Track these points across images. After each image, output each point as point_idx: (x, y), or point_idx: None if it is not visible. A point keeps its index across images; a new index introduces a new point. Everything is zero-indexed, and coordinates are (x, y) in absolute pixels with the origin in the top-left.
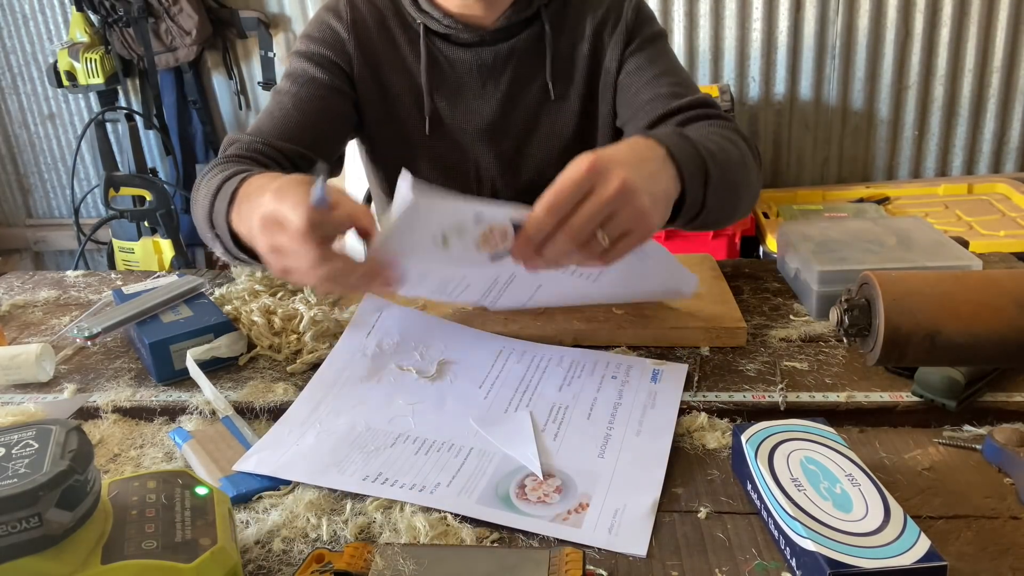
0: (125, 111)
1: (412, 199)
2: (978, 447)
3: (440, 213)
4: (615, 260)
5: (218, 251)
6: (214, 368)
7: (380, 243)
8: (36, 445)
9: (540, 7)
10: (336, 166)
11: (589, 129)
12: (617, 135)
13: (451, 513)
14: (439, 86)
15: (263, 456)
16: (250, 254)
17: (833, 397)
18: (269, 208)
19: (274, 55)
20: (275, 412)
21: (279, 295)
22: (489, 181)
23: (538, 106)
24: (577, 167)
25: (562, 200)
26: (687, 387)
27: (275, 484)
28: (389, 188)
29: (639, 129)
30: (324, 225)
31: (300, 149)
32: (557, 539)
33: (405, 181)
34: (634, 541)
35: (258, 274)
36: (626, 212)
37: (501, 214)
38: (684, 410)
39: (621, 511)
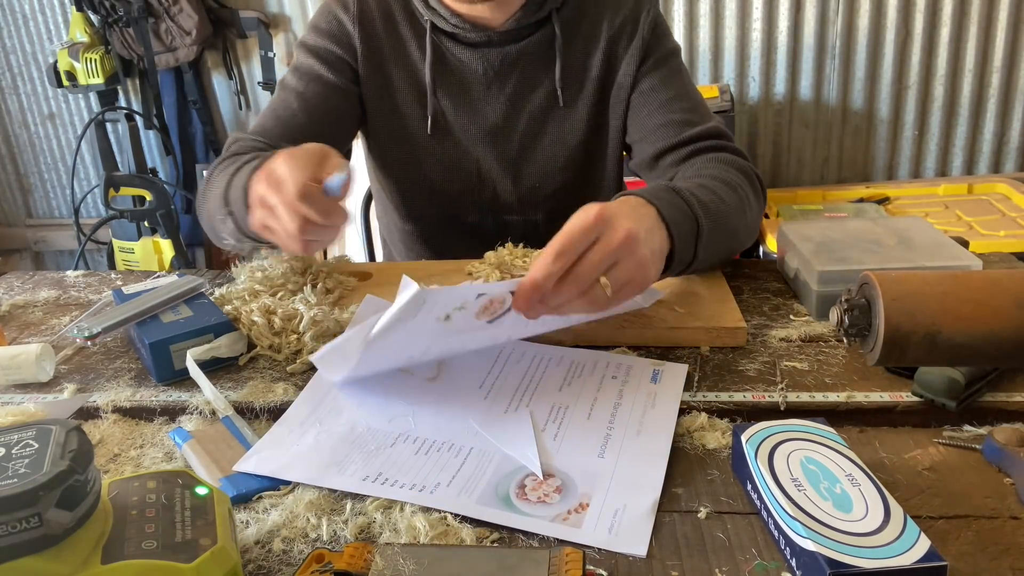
0: (125, 111)
1: (417, 290)
2: (978, 447)
3: (444, 298)
4: (613, 307)
5: (227, 233)
6: (214, 368)
7: (381, 330)
8: (36, 445)
9: (552, 11)
10: None
11: (597, 139)
12: (627, 149)
13: (451, 513)
14: (443, 85)
15: (263, 456)
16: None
17: (833, 397)
18: (275, 164)
19: (274, 55)
20: (275, 412)
21: (279, 295)
22: (491, 183)
23: (545, 111)
24: (585, 216)
25: (571, 246)
26: (687, 387)
27: (275, 484)
28: (392, 185)
29: (647, 155)
30: (315, 201)
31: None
32: (557, 539)
33: (409, 284)
34: (634, 541)
35: (258, 274)
36: (629, 262)
37: (501, 288)
38: (684, 410)
39: (621, 511)
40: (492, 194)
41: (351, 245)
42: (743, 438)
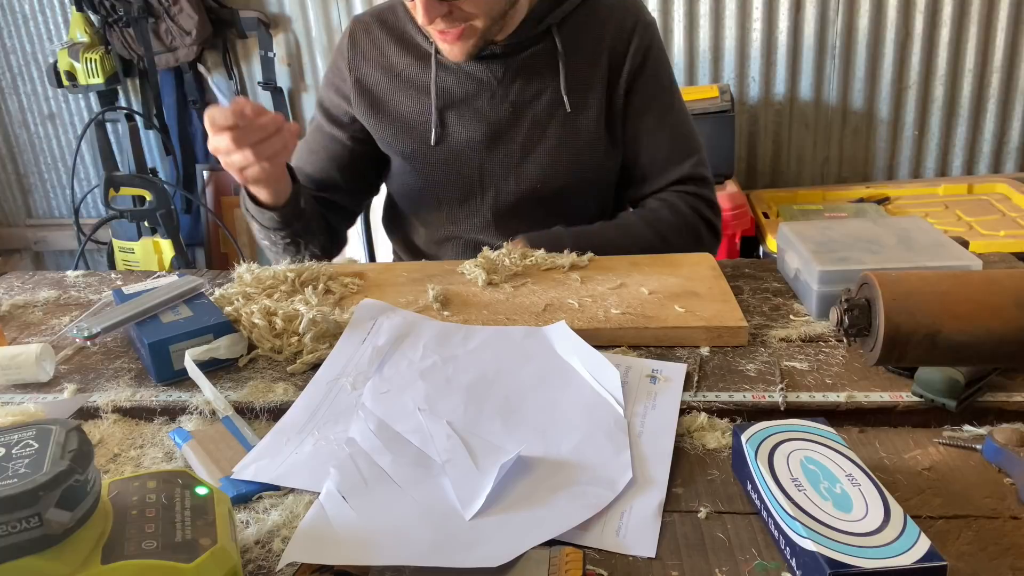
0: (125, 111)
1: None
2: (978, 447)
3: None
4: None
5: (262, 236)
6: (214, 368)
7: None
8: (36, 445)
9: (552, 26)
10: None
11: (600, 144)
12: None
13: None
14: (447, 97)
15: (261, 464)
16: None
17: (833, 397)
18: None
19: (274, 55)
20: (275, 412)
21: (275, 296)
22: (492, 186)
23: (549, 116)
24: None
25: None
26: (687, 387)
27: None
28: (398, 196)
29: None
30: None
31: (317, 193)
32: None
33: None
34: (642, 542)
35: (247, 276)
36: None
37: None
38: (684, 410)
39: (627, 513)
40: (494, 196)
41: (353, 248)
42: (743, 438)
